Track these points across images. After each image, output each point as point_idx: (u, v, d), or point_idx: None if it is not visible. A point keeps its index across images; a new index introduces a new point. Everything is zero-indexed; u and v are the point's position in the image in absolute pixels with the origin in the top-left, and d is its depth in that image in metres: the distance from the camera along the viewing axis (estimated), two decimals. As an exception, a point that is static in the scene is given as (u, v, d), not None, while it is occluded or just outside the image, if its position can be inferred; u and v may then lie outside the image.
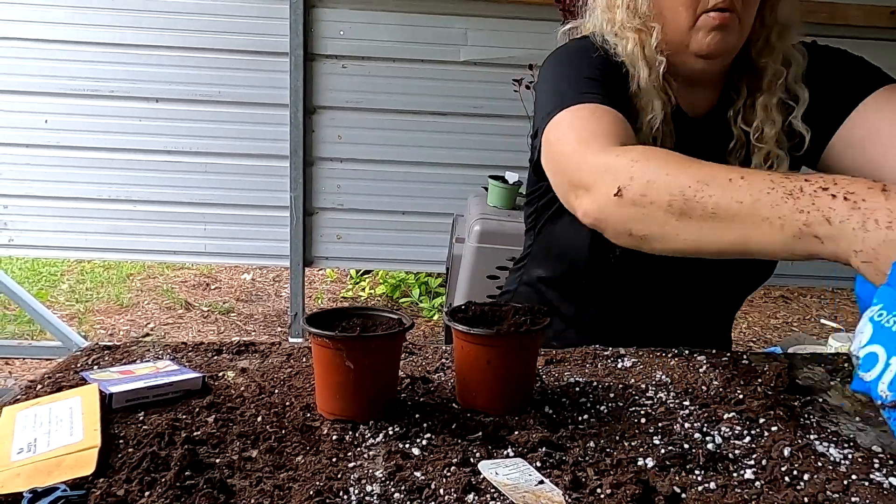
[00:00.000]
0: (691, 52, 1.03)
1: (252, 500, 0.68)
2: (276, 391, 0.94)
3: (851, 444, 0.83)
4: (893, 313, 0.62)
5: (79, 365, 1.02)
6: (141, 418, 0.84)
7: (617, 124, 0.93)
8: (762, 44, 1.06)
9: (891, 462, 0.79)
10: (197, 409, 0.87)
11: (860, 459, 0.79)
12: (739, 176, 0.73)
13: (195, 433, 0.80)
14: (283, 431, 0.82)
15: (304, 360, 1.05)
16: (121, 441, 0.78)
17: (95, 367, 1.01)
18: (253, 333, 3.60)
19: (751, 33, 1.06)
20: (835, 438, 0.84)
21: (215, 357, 1.06)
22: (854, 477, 0.75)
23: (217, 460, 0.75)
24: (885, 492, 0.73)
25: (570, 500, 0.68)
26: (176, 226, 3.13)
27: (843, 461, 0.79)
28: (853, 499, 0.71)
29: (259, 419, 0.85)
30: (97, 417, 0.80)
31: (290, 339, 3.31)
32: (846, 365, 1.09)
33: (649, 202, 0.78)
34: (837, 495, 0.71)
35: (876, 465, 0.78)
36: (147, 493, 0.68)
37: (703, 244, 0.76)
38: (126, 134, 3.02)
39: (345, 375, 0.83)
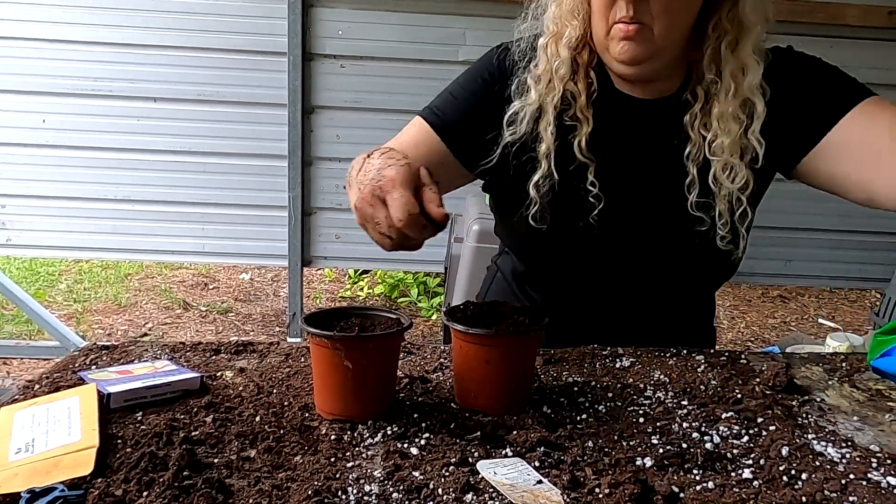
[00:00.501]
0: (613, 60, 1.07)
1: (250, 500, 0.68)
2: (275, 391, 0.94)
3: (849, 443, 0.83)
4: None
5: (77, 365, 1.02)
6: (139, 418, 0.84)
7: (408, 140, 1.12)
8: (712, 53, 1.06)
9: (888, 461, 0.79)
10: (195, 409, 0.86)
11: (858, 459, 0.79)
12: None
13: (193, 433, 0.80)
14: (282, 431, 0.82)
15: (302, 359, 1.05)
16: (119, 441, 0.78)
17: (93, 366, 1.01)
18: (251, 333, 3.60)
19: (703, 40, 1.06)
20: (832, 438, 0.84)
21: (213, 357, 1.06)
22: (852, 476, 0.75)
23: (215, 460, 0.75)
24: (883, 491, 0.73)
25: (568, 500, 0.68)
26: (174, 225, 3.12)
27: (840, 460, 0.79)
28: (851, 498, 0.71)
29: (257, 419, 0.85)
30: (95, 417, 0.80)
31: (289, 339, 3.31)
32: (844, 364, 1.09)
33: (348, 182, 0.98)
34: (835, 495, 0.72)
35: (874, 465, 0.78)
36: (145, 493, 0.68)
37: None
38: (124, 133, 3.01)
39: (343, 375, 0.83)
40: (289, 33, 2.92)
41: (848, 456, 0.80)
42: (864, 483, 0.74)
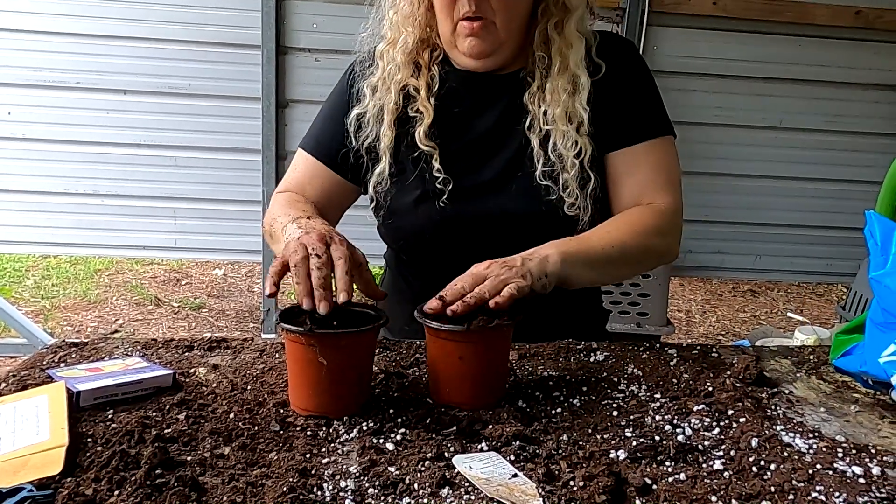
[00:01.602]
0: (461, 54, 1.17)
1: (224, 498, 0.67)
2: (249, 387, 0.93)
3: (816, 434, 0.85)
4: None
5: (45, 362, 1.00)
6: (110, 416, 0.83)
7: (301, 178, 1.25)
8: (539, 36, 1.17)
9: (853, 451, 0.81)
10: (168, 407, 0.85)
11: (824, 449, 0.81)
12: (289, 216, 1.08)
13: (166, 431, 0.79)
14: (256, 428, 0.81)
15: (276, 356, 1.04)
16: (89, 440, 0.77)
17: (62, 364, 0.99)
18: (225, 329, 3.56)
19: (533, 26, 1.17)
20: (800, 429, 0.86)
21: (186, 353, 1.04)
22: (819, 466, 0.77)
23: (188, 458, 0.74)
24: (849, 480, 0.75)
25: (543, 493, 0.69)
26: (145, 220, 3.07)
27: (808, 451, 0.81)
28: (818, 487, 0.73)
29: (231, 416, 0.84)
30: (64, 416, 0.79)
31: (263, 336, 3.28)
32: (811, 357, 1.12)
33: (267, 233, 1.19)
34: (802, 484, 0.73)
35: (839, 455, 0.80)
36: (116, 492, 0.67)
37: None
38: (93, 126, 2.95)
39: (318, 372, 0.82)
40: (262, 26, 2.88)
41: (815, 446, 0.82)
42: (831, 472, 0.76)
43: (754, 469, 0.76)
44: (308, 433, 0.81)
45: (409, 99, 1.20)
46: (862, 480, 0.75)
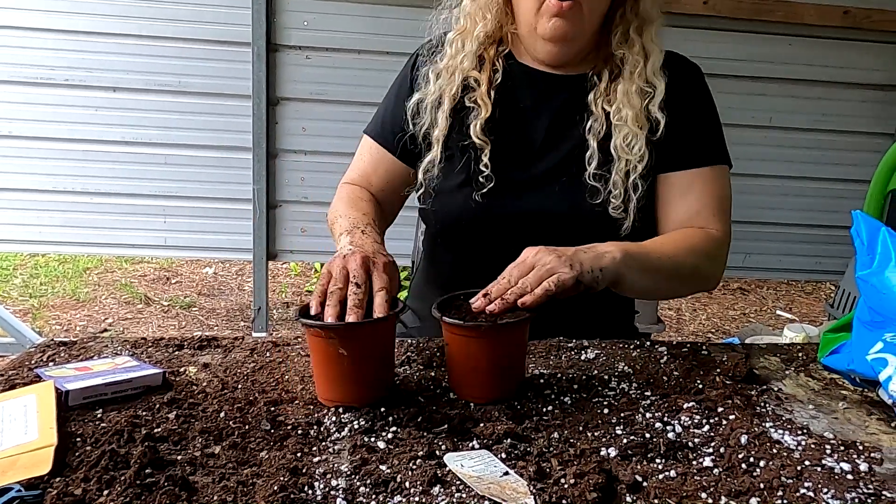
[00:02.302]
0: (539, 36, 1.15)
1: (215, 497, 0.67)
2: (240, 386, 0.92)
3: (805, 431, 0.86)
4: None
5: (33, 362, 0.99)
6: (99, 416, 0.82)
7: (366, 167, 1.28)
8: (621, 36, 1.17)
9: (842, 448, 0.82)
10: (157, 406, 0.85)
11: (813, 446, 0.82)
12: (348, 223, 1.12)
13: (156, 430, 0.79)
14: (247, 427, 0.81)
15: (267, 354, 1.04)
16: (78, 439, 0.77)
17: (51, 363, 0.98)
18: (215, 328, 3.54)
19: (611, 25, 1.17)
20: (789, 426, 0.87)
21: (176, 352, 1.04)
22: (807, 463, 0.78)
23: (179, 457, 0.74)
24: (837, 476, 0.75)
25: (534, 491, 0.69)
26: (135, 219, 3.05)
27: (797, 448, 0.81)
28: (806, 484, 0.73)
29: (222, 415, 0.84)
30: (53, 415, 0.78)
31: (254, 334, 3.27)
32: (800, 354, 1.12)
33: (330, 227, 1.22)
34: (791, 481, 0.74)
35: (828, 451, 0.81)
36: (106, 492, 0.67)
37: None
38: (82, 124, 2.92)
39: (341, 363, 0.84)
40: (253, 23, 2.87)
41: (804, 443, 0.82)
42: (819, 469, 0.77)
43: (744, 466, 0.77)
44: (299, 432, 0.81)
45: (468, 90, 1.20)
46: (850, 477, 0.75)
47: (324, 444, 0.79)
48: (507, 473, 0.72)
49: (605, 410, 0.89)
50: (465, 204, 1.18)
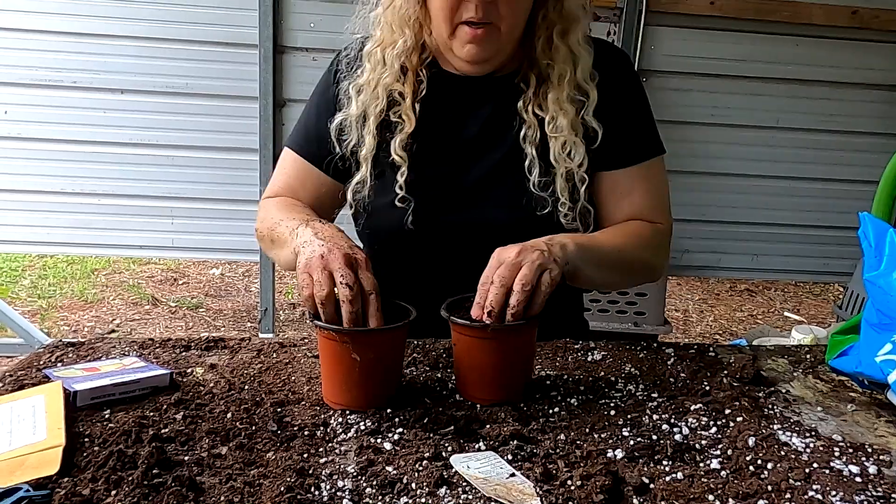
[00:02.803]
0: (457, 57, 1.11)
1: (222, 498, 0.67)
2: (246, 387, 0.93)
3: (813, 433, 0.85)
4: None
5: (42, 362, 0.99)
6: (107, 416, 0.83)
7: (292, 182, 1.23)
8: (545, 42, 1.12)
9: (850, 450, 0.81)
10: (165, 407, 0.85)
11: (821, 448, 0.81)
12: (296, 219, 1.03)
13: (163, 430, 0.79)
14: (254, 428, 0.81)
15: (274, 355, 1.04)
16: (86, 440, 0.77)
17: (59, 364, 0.99)
18: (222, 329, 3.55)
19: (534, 27, 1.12)
20: (797, 428, 0.86)
21: (183, 353, 1.04)
22: (815, 465, 0.77)
23: (186, 458, 0.74)
24: (845, 479, 0.75)
25: (541, 493, 0.69)
26: (142, 220, 3.06)
27: (805, 450, 0.81)
28: (814, 486, 0.73)
29: (229, 416, 0.84)
30: (61, 416, 0.79)
31: (261, 335, 3.28)
32: (808, 356, 1.12)
33: (260, 235, 1.18)
34: (800, 483, 0.73)
35: (836, 454, 0.80)
36: (114, 492, 0.67)
37: (281, 262, 1.12)
38: (90, 126, 2.94)
39: (352, 367, 0.84)
40: (260, 25, 2.88)
41: (812, 445, 0.82)
42: (827, 471, 0.76)
43: (751, 468, 0.76)
44: (306, 433, 0.81)
45: (393, 104, 1.15)
46: (858, 479, 0.75)
47: (330, 445, 0.79)
48: (513, 475, 0.72)
49: (612, 412, 0.88)
50: (398, 222, 1.13)
